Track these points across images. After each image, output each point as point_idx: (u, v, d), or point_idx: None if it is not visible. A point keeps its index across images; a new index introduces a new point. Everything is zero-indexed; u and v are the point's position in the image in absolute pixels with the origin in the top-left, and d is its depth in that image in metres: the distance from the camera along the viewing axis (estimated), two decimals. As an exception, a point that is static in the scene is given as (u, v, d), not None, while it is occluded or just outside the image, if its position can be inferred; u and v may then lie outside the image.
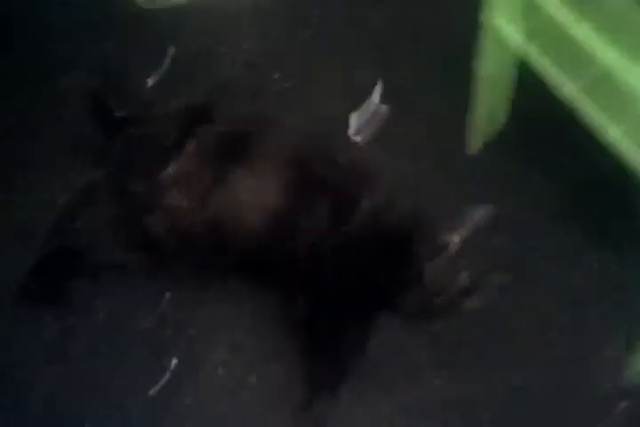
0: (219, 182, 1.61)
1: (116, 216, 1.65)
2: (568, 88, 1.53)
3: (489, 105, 1.90)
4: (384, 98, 2.11)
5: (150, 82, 2.16)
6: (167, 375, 1.60)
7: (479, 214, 1.54)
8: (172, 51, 2.17)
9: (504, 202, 1.72)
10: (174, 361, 1.62)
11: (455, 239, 1.51)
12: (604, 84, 1.45)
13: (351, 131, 2.09)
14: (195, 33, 2.20)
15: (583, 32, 1.42)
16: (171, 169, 1.63)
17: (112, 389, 1.58)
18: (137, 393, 1.58)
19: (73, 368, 1.61)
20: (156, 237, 1.61)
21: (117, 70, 2.13)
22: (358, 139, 2.08)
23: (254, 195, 1.60)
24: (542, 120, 1.91)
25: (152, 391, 1.58)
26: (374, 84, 2.14)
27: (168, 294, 1.71)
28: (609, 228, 1.79)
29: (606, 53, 1.38)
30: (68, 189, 1.81)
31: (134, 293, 1.70)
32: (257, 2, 2.26)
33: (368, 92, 2.14)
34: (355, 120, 2.11)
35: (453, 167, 1.96)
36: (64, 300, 1.68)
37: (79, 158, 1.96)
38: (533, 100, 1.78)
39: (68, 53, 2.14)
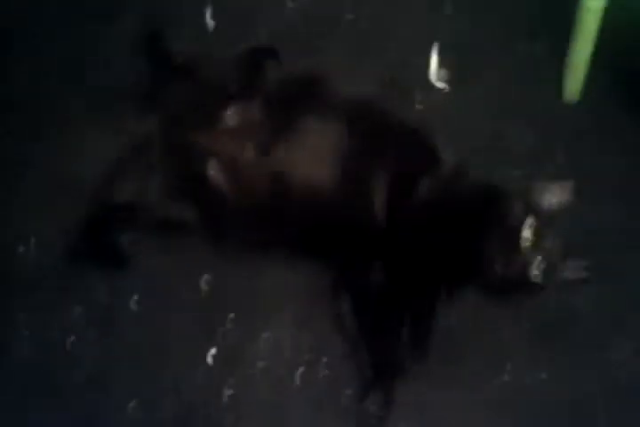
0: (285, 134, 1.42)
1: (172, 169, 1.47)
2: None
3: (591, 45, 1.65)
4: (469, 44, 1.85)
5: (210, 25, 1.95)
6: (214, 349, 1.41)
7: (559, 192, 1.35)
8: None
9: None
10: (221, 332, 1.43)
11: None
12: None
13: (432, 75, 1.85)
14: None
15: None
16: (232, 117, 1.45)
17: (157, 359, 1.40)
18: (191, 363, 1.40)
19: (119, 335, 1.43)
20: (216, 191, 1.42)
21: (174, 13, 1.93)
22: (441, 84, 1.83)
23: (323, 149, 1.41)
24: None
25: (209, 359, 1.39)
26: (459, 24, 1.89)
27: (221, 260, 1.49)
28: None
29: None
30: (119, 141, 1.61)
31: (187, 255, 1.50)
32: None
33: (450, 32, 1.88)
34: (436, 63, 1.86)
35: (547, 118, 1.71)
36: (114, 261, 1.49)
37: (133, 106, 1.77)
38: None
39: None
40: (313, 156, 1.41)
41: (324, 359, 1.39)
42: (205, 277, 1.48)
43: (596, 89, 1.76)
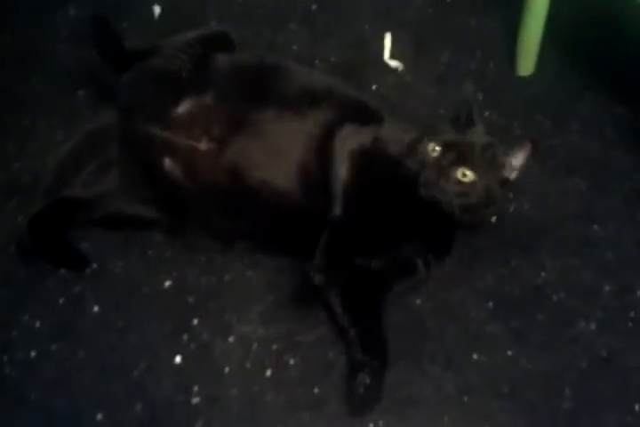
0: (241, 122, 1.29)
1: (129, 160, 1.33)
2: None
3: (542, 18, 1.55)
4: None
5: (157, 10, 1.80)
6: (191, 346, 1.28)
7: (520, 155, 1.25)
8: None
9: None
10: (197, 329, 1.31)
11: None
12: None
13: (386, 55, 1.72)
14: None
15: None
16: (187, 105, 1.31)
17: (128, 361, 1.27)
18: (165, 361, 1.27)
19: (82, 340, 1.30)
20: (174, 184, 1.29)
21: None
22: (395, 64, 1.71)
23: (281, 138, 1.28)
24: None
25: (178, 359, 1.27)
26: (412, 2, 1.77)
27: (186, 256, 1.36)
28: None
29: None
30: (72, 133, 1.47)
31: (149, 254, 1.37)
32: None
33: (403, 10, 1.77)
34: (390, 42, 1.73)
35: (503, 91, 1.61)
36: (68, 261, 1.35)
37: (84, 97, 1.63)
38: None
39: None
40: (269, 147, 1.28)
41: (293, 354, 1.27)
42: (171, 275, 1.35)
43: (549, 63, 1.66)
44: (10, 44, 1.72)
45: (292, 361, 1.27)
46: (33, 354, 1.27)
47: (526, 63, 1.67)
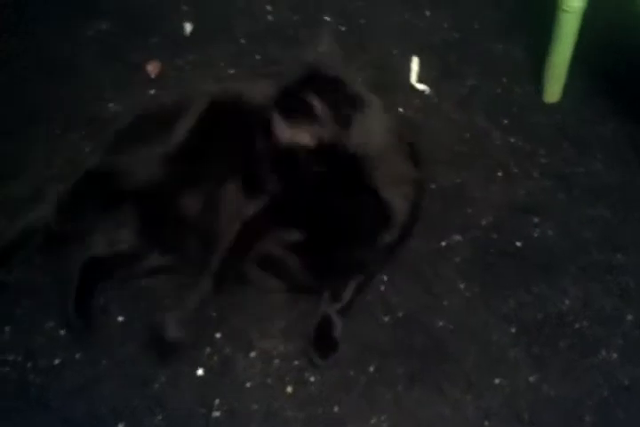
0: None
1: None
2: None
3: (570, 45, 1.59)
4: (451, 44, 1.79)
5: (188, 28, 1.85)
6: (213, 360, 1.31)
7: None
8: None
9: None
10: (219, 343, 1.33)
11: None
12: None
13: (413, 78, 1.77)
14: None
15: None
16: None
17: (150, 373, 1.29)
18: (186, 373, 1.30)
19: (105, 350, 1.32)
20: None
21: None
22: (421, 87, 1.75)
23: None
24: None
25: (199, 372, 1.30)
26: (439, 27, 1.83)
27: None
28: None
29: None
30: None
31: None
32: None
33: (430, 34, 1.82)
34: (416, 65, 1.78)
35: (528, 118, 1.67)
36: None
37: (114, 109, 1.68)
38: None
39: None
40: None
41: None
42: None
43: (575, 89, 1.71)
44: (39, 56, 1.78)
45: (312, 378, 1.29)
46: (56, 362, 1.29)
47: (553, 90, 1.70)
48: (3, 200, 1.49)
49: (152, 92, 1.72)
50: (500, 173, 1.58)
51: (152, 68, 1.76)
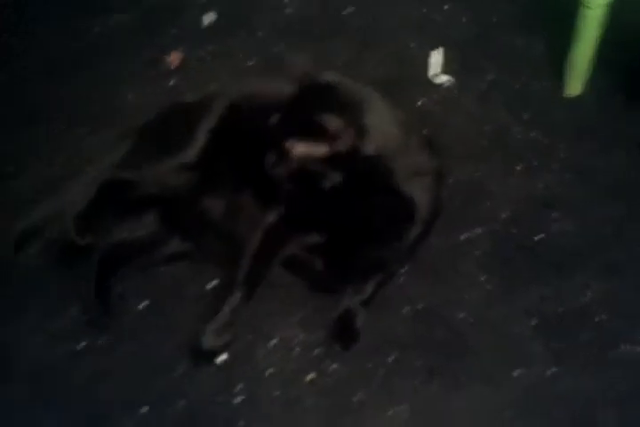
0: None
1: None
2: None
3: (592, 41, 1.59)
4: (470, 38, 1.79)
5: (207, 19, 1.87)
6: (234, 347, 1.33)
7: None
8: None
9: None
10: (240, 331, 1.35)
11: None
12: None
13: (432, 72, 1.78)
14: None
15: None
16: None
17: (172, 358, 1.31)
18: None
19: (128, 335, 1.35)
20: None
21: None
22: (440, 81, 1.76)
23: None
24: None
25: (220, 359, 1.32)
26: (457, 21, 1.83)
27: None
28: None
29: None
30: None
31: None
32: None
33: (449, 28, 1.82)
34: (435, 59, 1.79)
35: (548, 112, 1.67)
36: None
37: (132, 99, 1.69)
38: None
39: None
40: None
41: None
42: (215, 277, 1.39)
43: (596, 83, 1.71)
44: (45, 55, 1.79)
45: (332, 368, 1.30)
46: (80, 346, 1.31)
47: (574, 84, 1.70)
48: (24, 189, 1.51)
49: (171, 83, 1.73)
50: (519, 167, 1.59)
51: (171, 60, 1.77)
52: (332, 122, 1.23)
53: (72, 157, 1.58)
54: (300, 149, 1.23)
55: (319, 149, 1.23)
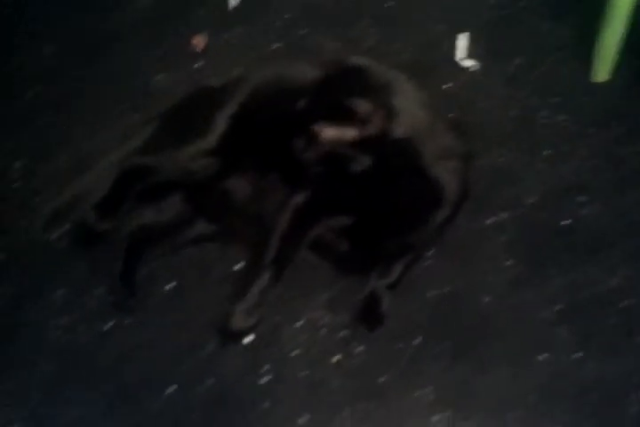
0: None
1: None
2: None
3: (621, 26, 1.58)
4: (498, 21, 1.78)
5: (233, 2, 1.87)
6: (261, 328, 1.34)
7: None
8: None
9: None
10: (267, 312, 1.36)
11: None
12: None
13: (459, 55, 1.77)
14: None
15: None
16: None
17: (200, 338, 1.33)
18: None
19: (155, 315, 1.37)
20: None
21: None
22: (467, 64, 1.76)
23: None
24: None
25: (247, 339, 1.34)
26: (485, 4, 1.82)
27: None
28: None
29: None
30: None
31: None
32: None
33: (477, 11, 1.82)
34: (463, 42, 1.79)
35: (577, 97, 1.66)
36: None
37: (162, 81, 1.71)
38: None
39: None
40: None
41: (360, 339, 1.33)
42: (242, 258, 1.41)
43: (625, 69, 1.70)
44: (83, 31, 1.80)
45: (357, 350, 1.32)
46: (108, 326, 1.33)
47: (602, 69, 1.69)
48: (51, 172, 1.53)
49: (198, 65, 1.74)
50: (546, 152, 1.58)
51: (197, 42, 1.78)
52: (362, 105, 1.24)
53: (98, 139, 1.59)
54: (330, 132, 1.24)
55: (348, 133, 1.24)
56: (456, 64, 1.75)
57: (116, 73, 1.73)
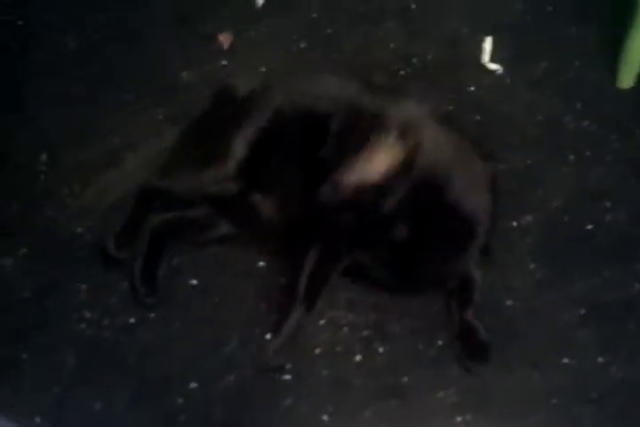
0: None
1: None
2: None
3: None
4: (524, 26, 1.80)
5: (260, 1, 1.89)
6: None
7: None
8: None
9: None
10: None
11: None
12: None
13: (485, 58, 1.79)
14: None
15: None
16: None
17: (222, 335, 1.34)
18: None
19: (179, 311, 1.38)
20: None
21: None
22: (493, 67, 1.77)
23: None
24: None
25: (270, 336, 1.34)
26: (511, 8, 1.84)
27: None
28: None
29: None
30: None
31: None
32: None
33: (503, 15, 1.83)
34: (489, 45, 1.80)
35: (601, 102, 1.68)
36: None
37: (187, 77, 1.73)
38: None
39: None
40: None
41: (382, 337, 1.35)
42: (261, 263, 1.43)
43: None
44: (110, 25, 1.83)
45: (381, 349, 1.33)
46: (131, 321, 1.35)
47: (628, 75, 1.70)
48: (76, 165, 1.55)
49: (224, 62, 1.76)
50: (572, 157, 1.60)
51: (224, 39, 1.80)
52: (384, 143, 1.25)
53: (123, 134, 1.61)
54: (351, 178, 1.26)
55: (372, 177, 1.25)
56: (481, 67, 1.77)
57: (143, 69, 1.74)
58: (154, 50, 1.79)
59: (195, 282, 1.40)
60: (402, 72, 1.74)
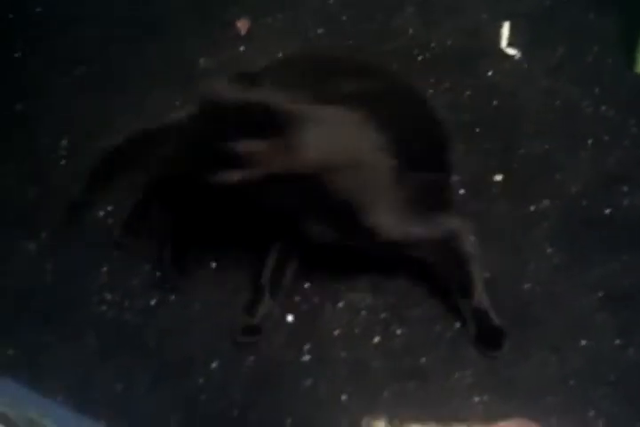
0: None
1: None
2: None
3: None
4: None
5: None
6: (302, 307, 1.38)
7: None
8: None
9: None
10: (308, 292, 1.41)
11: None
12: None
13: (504, 43, 1.80)
14: None
15: None
16: None
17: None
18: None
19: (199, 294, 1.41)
20: None
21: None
22: (512, 52, 1.78)
23: None
24: None
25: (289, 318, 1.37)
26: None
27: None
28: None
29: None
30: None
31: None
32: None
33: (521, 1, 1.84)
34: (508, 31, 1.81)
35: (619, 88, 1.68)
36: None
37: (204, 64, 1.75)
38: None
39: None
40: None
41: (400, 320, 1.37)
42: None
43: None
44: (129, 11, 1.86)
45: (399, 331, 1.35)
46: (152, 303, 1.38)
47: (644, 59, 1.71)
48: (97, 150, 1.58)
49: (242, 49, 1.78)
50: (589, 141, 1.61)
51: (242, 25, 1.82)
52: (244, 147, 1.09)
53: (142, 120, 1.63)
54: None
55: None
56: (499, 52, 1.78)
57: (160, 55, 1.77)
58: (171, 36, 1.81)
59: (216, 264, 1.42)
60: (420, 57, 1.74)
